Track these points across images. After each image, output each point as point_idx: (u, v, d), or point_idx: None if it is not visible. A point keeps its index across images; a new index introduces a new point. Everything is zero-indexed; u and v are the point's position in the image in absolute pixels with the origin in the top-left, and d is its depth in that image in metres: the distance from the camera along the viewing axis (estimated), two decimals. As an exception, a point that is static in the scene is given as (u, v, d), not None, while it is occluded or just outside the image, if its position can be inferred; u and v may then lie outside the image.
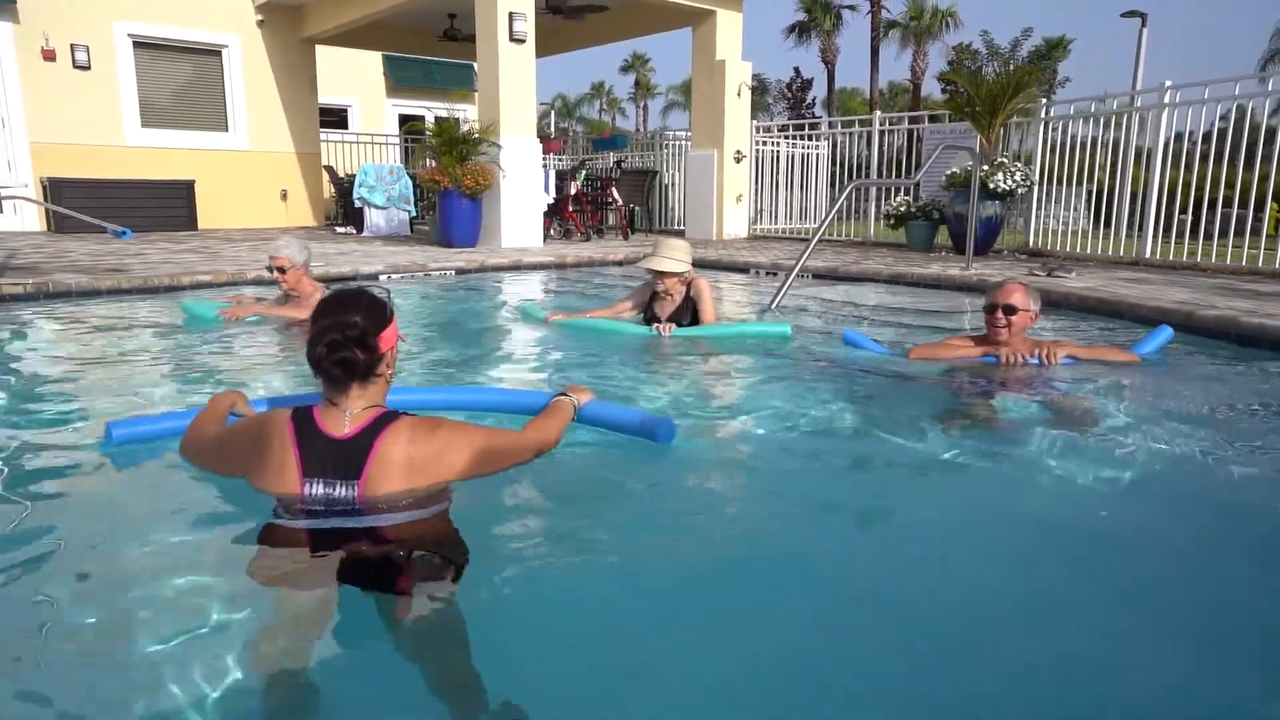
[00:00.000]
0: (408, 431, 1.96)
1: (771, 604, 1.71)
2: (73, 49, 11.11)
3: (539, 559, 1.96)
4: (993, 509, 2.28)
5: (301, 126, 13.28)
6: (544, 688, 1.39)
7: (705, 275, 7.92)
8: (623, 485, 2.39)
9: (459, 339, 4.83)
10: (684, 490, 2.38)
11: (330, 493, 1.90)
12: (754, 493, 2.45)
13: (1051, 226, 9.08)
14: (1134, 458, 2.60)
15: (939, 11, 35.37)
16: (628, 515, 2.21)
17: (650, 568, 1.87)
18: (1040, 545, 2.05)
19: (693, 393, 3.41)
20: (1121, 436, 2.78)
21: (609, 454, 2.49)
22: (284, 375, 3.50)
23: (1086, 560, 1.96)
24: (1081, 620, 1.68)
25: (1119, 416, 3.05)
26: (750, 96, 11.74)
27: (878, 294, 6.46)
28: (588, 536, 2.05)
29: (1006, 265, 7.67)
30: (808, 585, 1.81)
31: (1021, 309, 3.63)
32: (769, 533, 2.10)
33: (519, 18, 9.27)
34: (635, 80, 59.93)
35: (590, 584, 1.80)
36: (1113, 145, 8.49)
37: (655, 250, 4.31)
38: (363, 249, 8.90)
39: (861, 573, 1.90)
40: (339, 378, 1.94)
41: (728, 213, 11.83)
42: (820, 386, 3.47)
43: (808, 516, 2.20)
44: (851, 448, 2.78)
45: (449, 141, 9.03)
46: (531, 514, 2.19)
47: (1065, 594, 1.80)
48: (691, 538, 2.06)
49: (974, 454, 2.66)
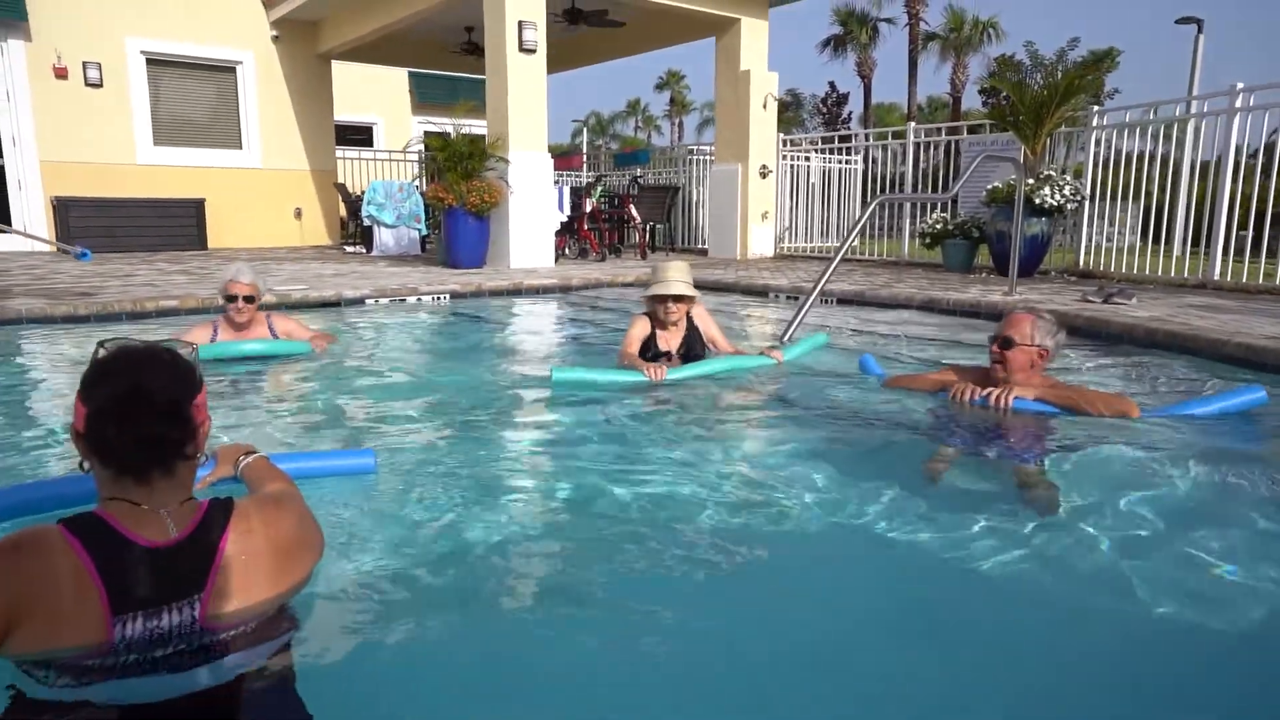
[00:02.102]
0: (255, 513, 1.44)
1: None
2: (84, 66, 10.92)
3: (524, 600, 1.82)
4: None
5: (317, 144, 12.98)
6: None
7: (723, 299, 7.41)
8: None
9: (402, 387, 4.02)
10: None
11: (156, 625, 1.32)
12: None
13: (1103, 245, 8.31)
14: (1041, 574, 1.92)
15: (980, 22, 34.45)
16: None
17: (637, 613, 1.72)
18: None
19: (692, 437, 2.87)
20: (1039, 535, 2.05)
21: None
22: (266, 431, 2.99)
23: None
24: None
25: (1072, 500, 2.31)
26: (776, 108, 11.15)
27: (916, 321, 5.74)
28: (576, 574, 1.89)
29: (1055, 289, 6.95)
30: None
31: (1020, 343, 3.01)
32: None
33: (528, 27, 8.81)
34: (670, 97, 59.70)
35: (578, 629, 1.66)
36: (1170, 155, 7.73)
37: (657, 275, 3.74)
38: (360, 270, 8.45)
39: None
40: (145, 464, 1.38)
41: (753, 231, 11.21)
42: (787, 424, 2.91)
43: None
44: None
45: (453, 157, 8.56)
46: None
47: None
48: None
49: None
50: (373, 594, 1.72)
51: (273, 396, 3.62)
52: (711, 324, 3.94)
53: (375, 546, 1.91)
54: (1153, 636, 1.66)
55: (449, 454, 2.71)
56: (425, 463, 2.58)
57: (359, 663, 1.51)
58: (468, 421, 3.21)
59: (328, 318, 5.76)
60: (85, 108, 10.99)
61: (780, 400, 3.52)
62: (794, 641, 1.62)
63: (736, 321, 5.91)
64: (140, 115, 11.47)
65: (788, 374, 3.84)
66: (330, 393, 3.65)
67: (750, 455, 2.87)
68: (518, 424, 3.24)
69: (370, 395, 3.65)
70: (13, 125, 10.60)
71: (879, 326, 5.50)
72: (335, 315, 5.92)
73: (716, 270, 8.79)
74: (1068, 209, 7.95)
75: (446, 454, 2.70)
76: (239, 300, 4.49)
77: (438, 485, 2.37)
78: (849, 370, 3.94)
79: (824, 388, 3.68)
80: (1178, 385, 3.71)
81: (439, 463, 2.59)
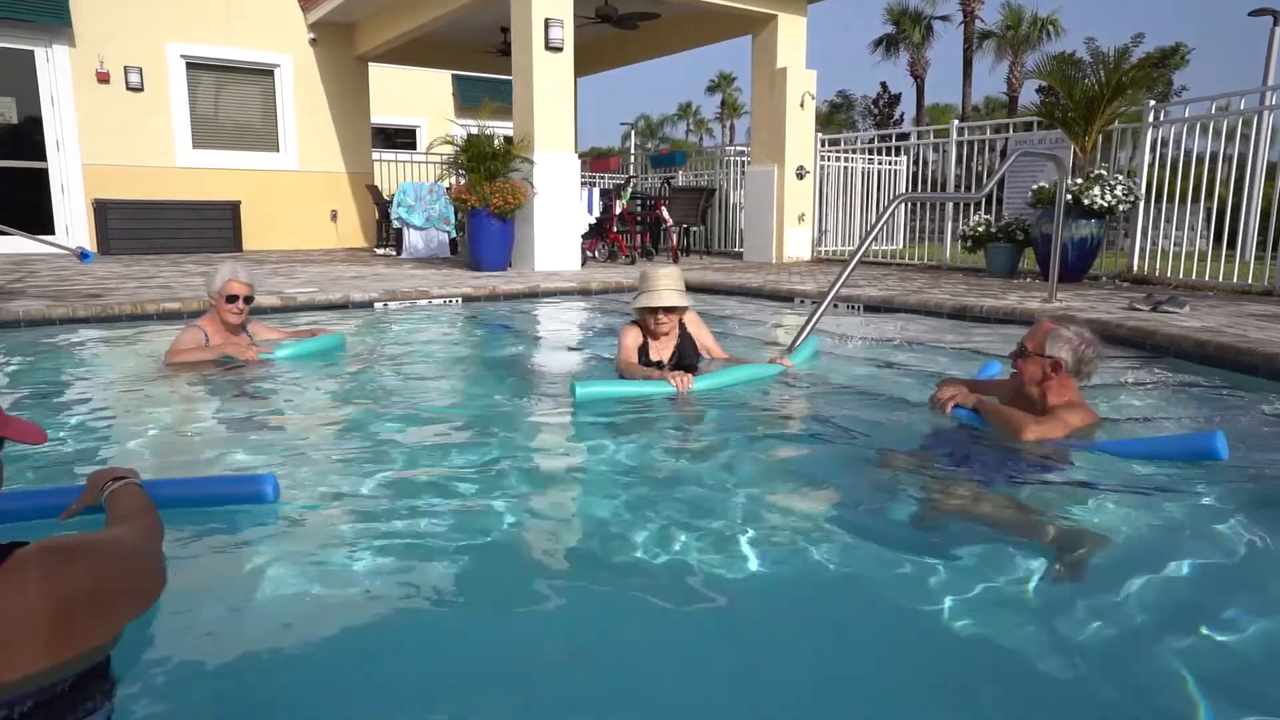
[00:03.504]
0: (36, 566, 1.17)
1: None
2: (126, 71, 11.08)
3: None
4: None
5: (354, 146, 13.01)
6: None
7: (747, 305, 7.10)
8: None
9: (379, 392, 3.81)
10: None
11: None
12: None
13: (1162, 248, 7.76)
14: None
15: (1039, 19, 33.32)
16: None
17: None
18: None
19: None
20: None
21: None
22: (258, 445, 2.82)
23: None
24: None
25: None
26: (814, 107, 10.77)
27: (951, 329, 5.32)
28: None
29: (1103, 295, 6.48)
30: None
31: (1033, 353, 2.73)
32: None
33: (555, 24, 8.63)
34: (721, 100, 59.30)
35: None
36: (1238, 154, 7.18)
37: (646, 283, 3.46)
38: (382, 273, 8.35)
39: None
40: None
41: (789, 234, 10.85)
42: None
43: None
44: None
45: (477, 157, 8.41)
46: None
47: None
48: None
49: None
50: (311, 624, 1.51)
51: (227, 406, 3.45)
52: (705, 331, 3.66)
53: (319, 569, 1.71)
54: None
55: (413, 469, 2.49)
56: (371, 479, 2.36)
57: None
58: (445, 433, 2.99)
59: (329, 320, 5.63)
60: (127, 111, 11.16)
61: (809, 419, 3.28)
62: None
63: (745, 328, 5.60)
64: (180, 119, 11.61)
65: (814, 389, 3.57)
66: (280, 401, 3.48)
67: (766, 482, 2.56)
68: (500, 437, 3.00)
69: (331, 403, 3.45)
70: (57, 129, 10.80)
71: (906, 331, 5.14)
72: (339, 319, 5.78)
73: (745, 274, 8.48)
74: (1119, 210, 7.44)
75: (409, 468, 2.49)
76: (240, 301, 4.36)
77: (387, 504, 2.16)
78: (865, 382, 3.64)
79: (840, 402, 3.39)
80: (1219, 407, 3.31)
81: (391, 479, 2.36)
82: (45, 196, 10.86)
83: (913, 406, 3.26)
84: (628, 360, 3.54)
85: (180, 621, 1.53)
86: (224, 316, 4.30)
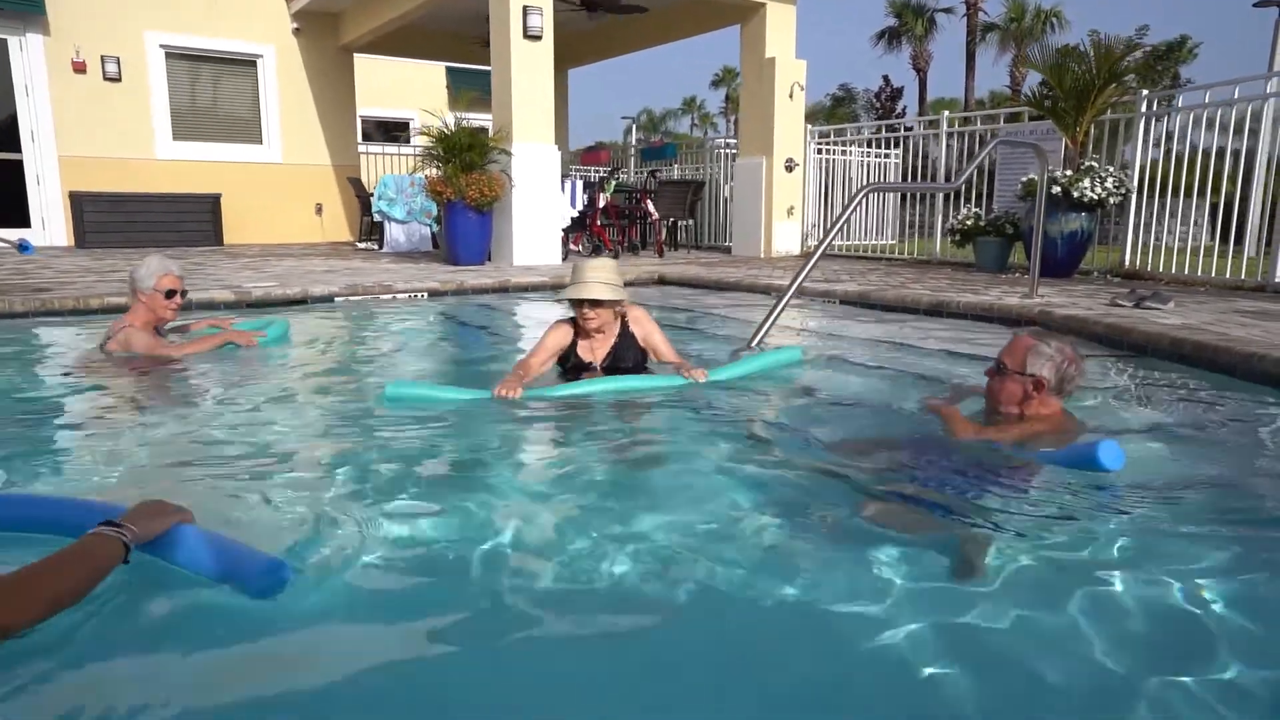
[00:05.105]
0: None
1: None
2: (103, 60, 10.90)
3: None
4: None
5: (339, 138, 12.81)
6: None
7: (724, 298, 6.88)
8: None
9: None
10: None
11: None
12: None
13: (1154, 243, 7.52)
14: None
15: (1042, 11, 32.94)
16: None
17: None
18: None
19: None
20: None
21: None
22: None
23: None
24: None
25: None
26: (804, 99, 10.54)
27: (937, 330, 5.04)
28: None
29: (1089, 290, 6.25)
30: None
31: (1012, 371, 2.53)
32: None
33: (534, 12, 8.41)
34: (725, 95, 58.97)
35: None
36: (1230, 146, 6.93)
37: (575, 275, 3.24)
38: (357, 267, 8.16)
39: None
40: None
41: (777, 227, 10.63)
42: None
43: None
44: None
45: (452, 148, 8.21)
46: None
47: None
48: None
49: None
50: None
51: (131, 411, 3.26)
52: (653, 331, 3.40)
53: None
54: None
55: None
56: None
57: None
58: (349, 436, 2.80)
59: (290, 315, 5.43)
60: (104, 102, 10.98)
61: (768, 425, 3.04)
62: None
63: (717, 325, 5.39)
64: (159, 110, 11.42)
65: (748, 393, 3.33)
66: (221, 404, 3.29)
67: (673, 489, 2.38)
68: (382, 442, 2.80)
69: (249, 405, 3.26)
70: (31, 120, 10.62)
71: (875, 330, 4.93)
72: (299, 314, 5.59)
73: (727, 269, 8.27)
74: (1110, 204, 7.20)
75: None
76: (178, 295, 4.18)
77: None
78: (827, 385, 3.43)
79: (805, 408, 3.19)
80: (1190, 410, 3.09)
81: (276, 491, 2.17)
82: (20, 188, 10.69)
83: (882, 410, 3.07)
84: (526, 360, 3.31)
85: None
86: (160, 313, 4.11)
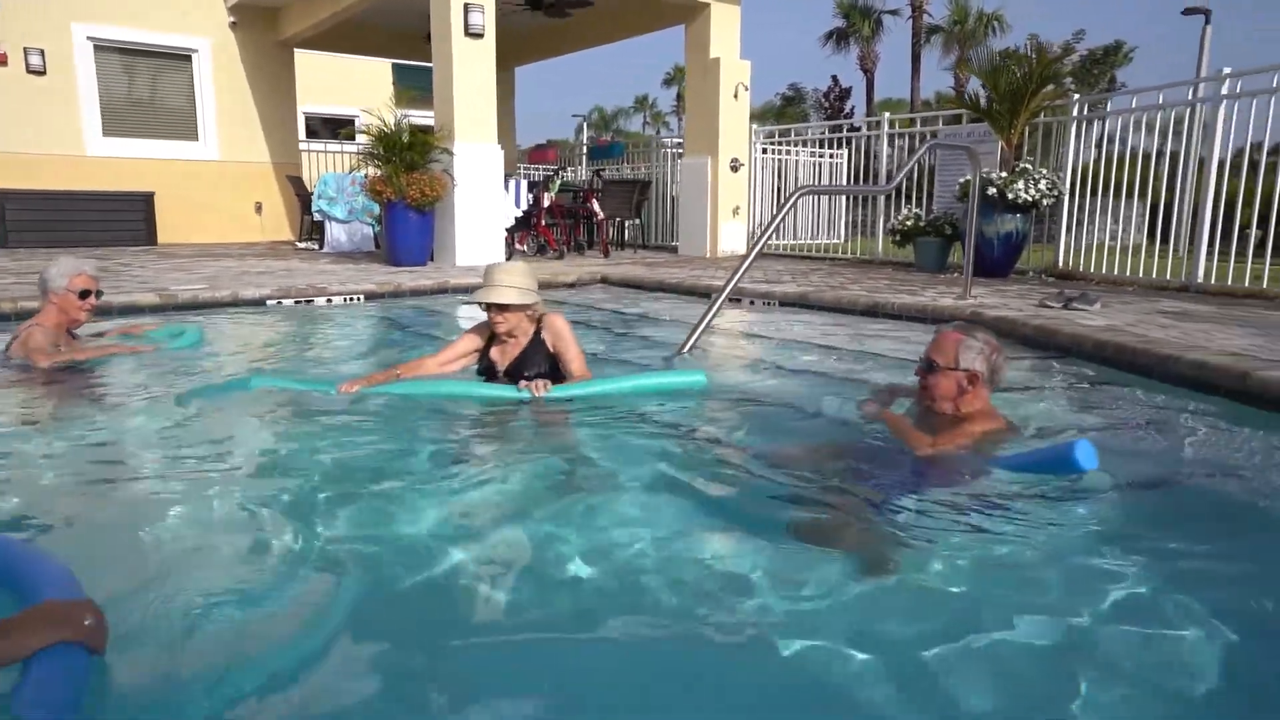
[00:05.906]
0: None
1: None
2: (26, 53, 10.48)
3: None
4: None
5: (279, 135, 12.51)
6: None
7: (663, 301, 6.87)
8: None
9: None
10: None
11: None
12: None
13: (1086, 244, 7.73)
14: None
15: (984, 15, 33.66)
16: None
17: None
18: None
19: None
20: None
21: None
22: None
23: None
24: None
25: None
26: (748, 99, 10.60)
27: (883, 330, 5.08)
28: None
29: (1021, 291, 6.39)
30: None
31: (944, 366, 2.56)
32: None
33: (475, 10, 8.30)
34: (677, 94, 59.12)
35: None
36: (1166, 148, 7.14)
37: (486, 278, 3.19)
38: (295, 268, 7.97)
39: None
40: None
41: (723, 227, 10.67)
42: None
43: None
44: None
45: (392, 147, 8.07)
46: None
47: None
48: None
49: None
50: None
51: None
52: (567, 340, 3.29)
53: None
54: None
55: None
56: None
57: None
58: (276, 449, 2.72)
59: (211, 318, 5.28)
60: (28, 96, 10.56)
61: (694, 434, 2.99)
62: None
63: (650, 328, 5.38)
64: (89, 105, 11.02)
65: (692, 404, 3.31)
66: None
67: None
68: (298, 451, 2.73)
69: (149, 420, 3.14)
70: (-50, 114, 10.17)
71: (812, 330, 4.97)
72: (226, 318, 5.44)
73: (670, 269, 8.27)
74: (1043, 205, 7.38)
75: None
76: (93, 296, 4.04)
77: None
78: (760, 387, 3.43)
79: (730, 413, 3.18)
80: (1112, 412, 3.17)
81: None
82: (-61, 186, 10.23)
83: (808, 415, 3.08)
84: (423, 359, 3.43)
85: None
86: (73, 314, 3.97)
